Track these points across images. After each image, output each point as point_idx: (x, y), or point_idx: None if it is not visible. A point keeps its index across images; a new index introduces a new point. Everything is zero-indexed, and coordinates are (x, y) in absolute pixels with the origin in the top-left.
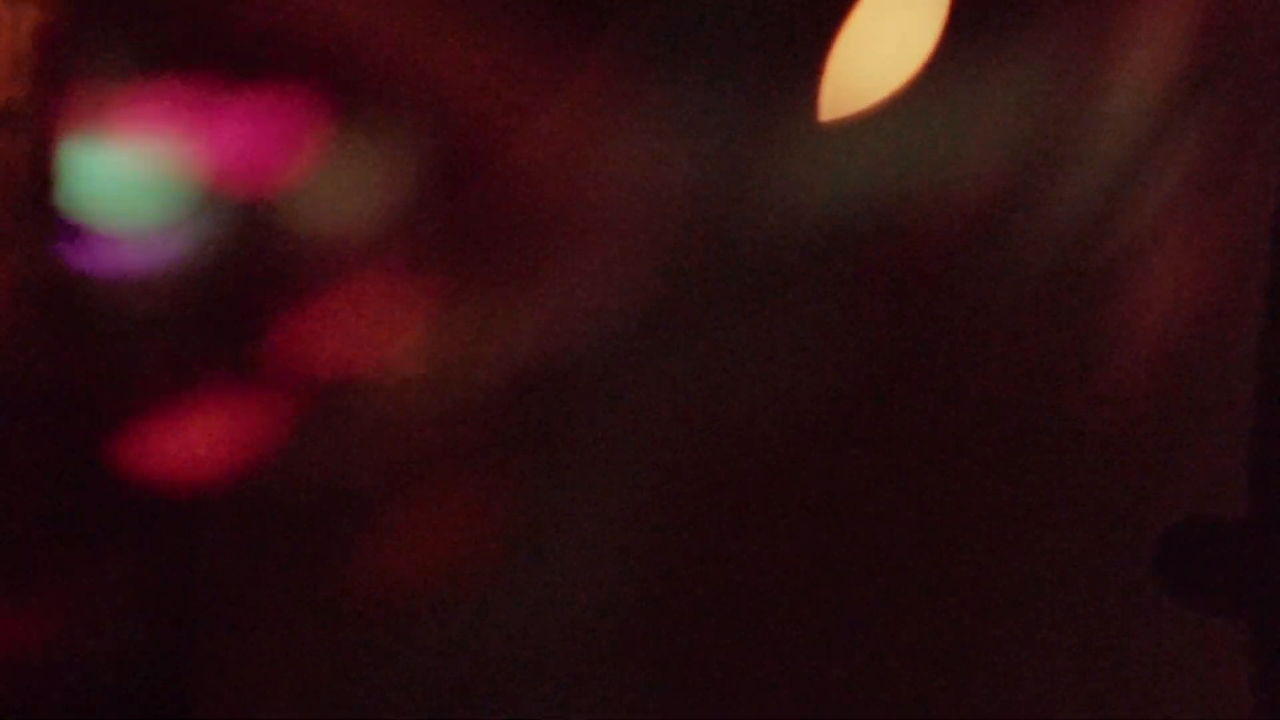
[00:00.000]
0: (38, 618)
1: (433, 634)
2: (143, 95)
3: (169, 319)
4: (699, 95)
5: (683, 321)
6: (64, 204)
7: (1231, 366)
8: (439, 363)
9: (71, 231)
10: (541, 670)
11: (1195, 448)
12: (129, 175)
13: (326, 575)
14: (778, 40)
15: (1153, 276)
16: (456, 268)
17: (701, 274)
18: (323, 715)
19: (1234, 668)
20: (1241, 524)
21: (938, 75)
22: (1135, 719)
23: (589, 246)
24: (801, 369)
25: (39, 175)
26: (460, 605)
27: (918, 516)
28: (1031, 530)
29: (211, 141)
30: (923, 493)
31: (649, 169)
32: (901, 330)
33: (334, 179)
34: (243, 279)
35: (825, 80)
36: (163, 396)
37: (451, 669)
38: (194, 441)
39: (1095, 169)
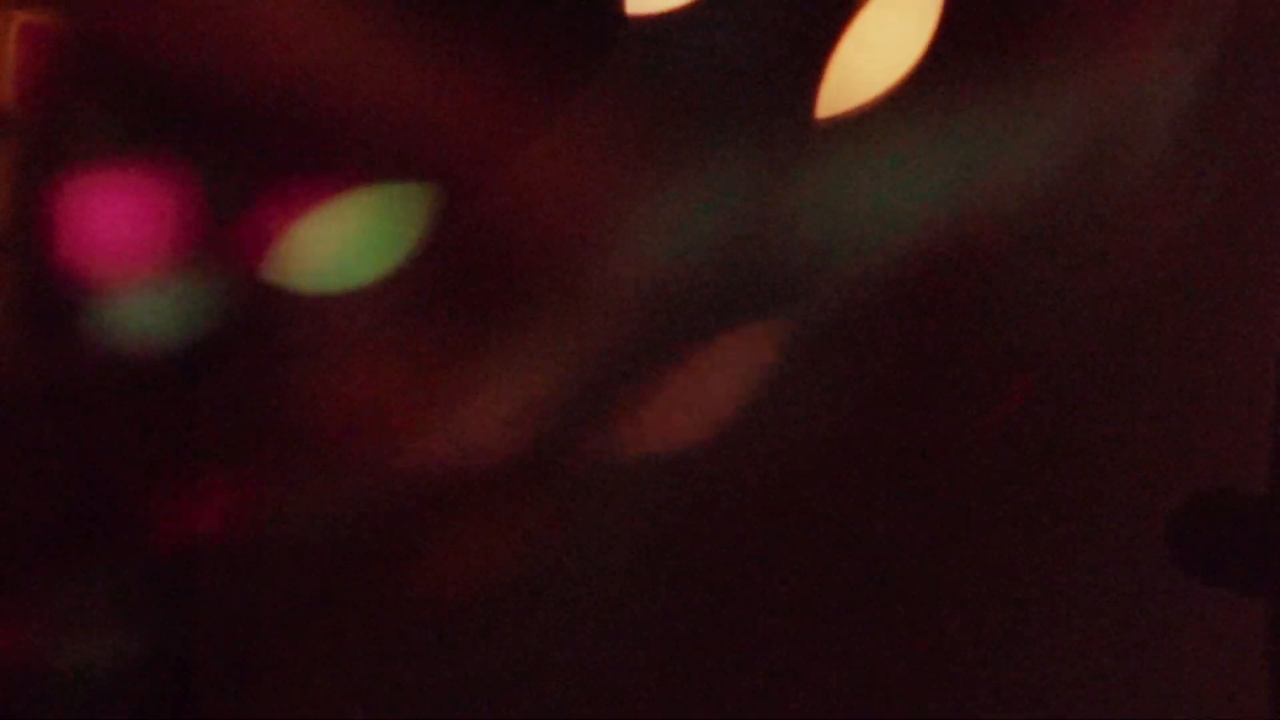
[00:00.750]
0: (36, 624)
1: (443, 641)
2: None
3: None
4: (700, 115)
5: (699, 337)
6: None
7: (1247, 357)
8: (454, 391)
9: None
10: (552, 682)
11: (1216, 435)
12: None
13: (335, 584)
14: (778, 55)
15: (1166, 267)
16: (459, 305)
17: (713, 290)
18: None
19: (1251, 648)
20: (1258, 499)
21: (939, 81)
22: (1152, 703)
23: (598, 272)
24: (816, 379)
25: (31, 180)
26: (471, 616)
27: (936, 517)
28: (1051, 526)
29: (199, 207)
30: (940, 493)
31: (656, 192)
32: (917, 333)
33: (330, 236)
34: (246, 333)
35: (825, 86)
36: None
37: (461, 676)
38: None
39: (1104, 166)
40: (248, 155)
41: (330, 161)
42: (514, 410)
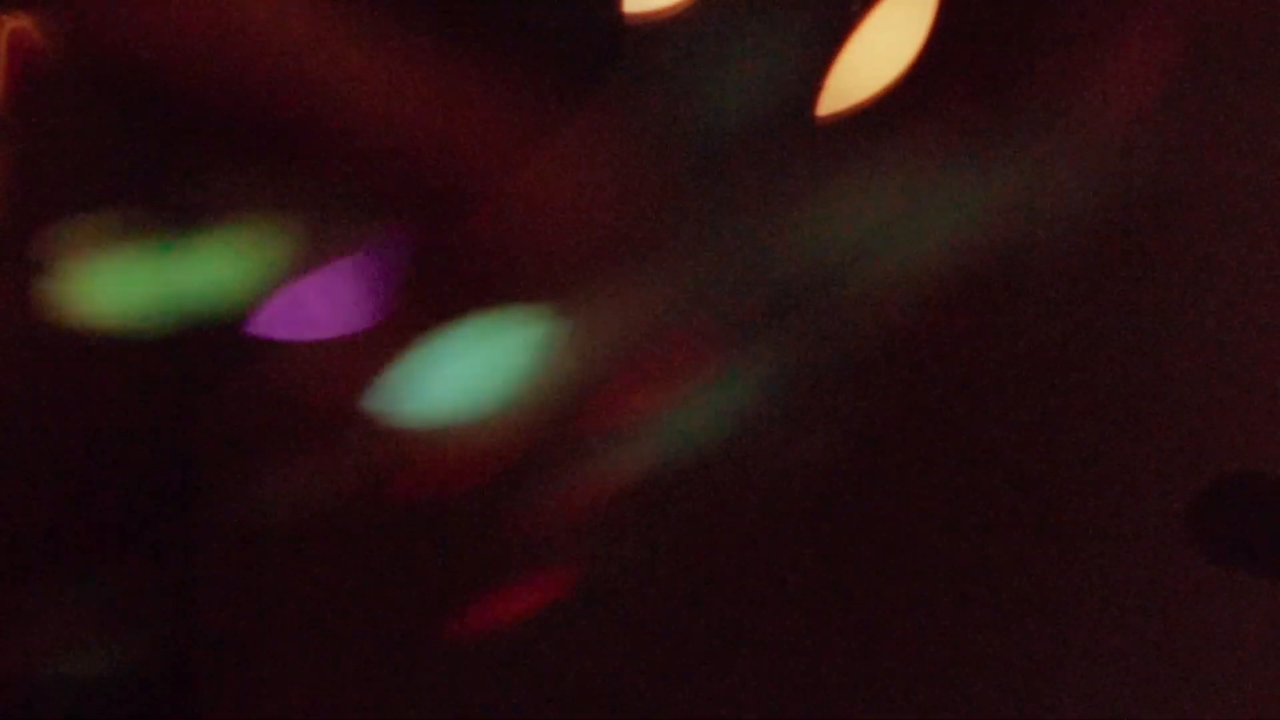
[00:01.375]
0: (36, 625)
1: (442, 640)
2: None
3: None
4: (699, 115)
5: (702, 341)
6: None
7: (1265, 344)
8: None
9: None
10: (553, 681)
11: (1237, 421)
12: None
13: (335, 584)
14: (777, 54)
15: (1181, 258)
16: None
17: (715, 291)
18: None
19: (1274, 631)
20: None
21: (939, 84)
22: (1176, 686)
23: (602, 278)
24: (822, 389)
25: (25, 182)
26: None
27: (958, 506)
28: (1074, 514)
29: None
30: (963, 483)
31: (658, 194)
32: (923, 331)
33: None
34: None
35: (827, 85)
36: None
37: (461, 675)
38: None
39: (1107, 166)
40: (248, 162)
41: (334, 168)
42: (517, 414)
